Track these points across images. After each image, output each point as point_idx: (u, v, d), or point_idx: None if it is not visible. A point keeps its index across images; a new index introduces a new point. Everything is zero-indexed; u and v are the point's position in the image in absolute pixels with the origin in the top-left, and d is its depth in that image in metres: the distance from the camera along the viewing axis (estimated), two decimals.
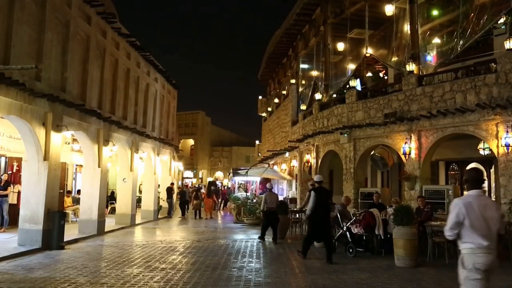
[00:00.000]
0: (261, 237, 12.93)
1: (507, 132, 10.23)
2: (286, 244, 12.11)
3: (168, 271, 8.11)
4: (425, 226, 9.74)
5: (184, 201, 23.53)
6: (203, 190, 26.78)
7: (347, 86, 17.59)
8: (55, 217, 10.79)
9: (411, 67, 13.26)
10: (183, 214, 22.57)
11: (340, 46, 19.67)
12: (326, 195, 9.99)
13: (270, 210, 13.08)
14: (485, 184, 14.92)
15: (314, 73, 22.11)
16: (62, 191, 14.75)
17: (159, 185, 21.57)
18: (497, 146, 10.58)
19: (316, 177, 10.98)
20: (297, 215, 14.74)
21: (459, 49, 12.90)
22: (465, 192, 4.51)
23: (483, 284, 4.07)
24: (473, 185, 4.27)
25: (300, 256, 9.67)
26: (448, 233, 4.25)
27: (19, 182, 13.15)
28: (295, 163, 22.85)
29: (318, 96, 19.36)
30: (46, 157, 10.83)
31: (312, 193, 9.85)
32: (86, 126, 13.10)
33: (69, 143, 16.32)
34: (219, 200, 30.11)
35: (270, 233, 13.78)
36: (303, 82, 24.37)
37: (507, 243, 9.50)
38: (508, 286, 7.45)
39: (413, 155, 12.83)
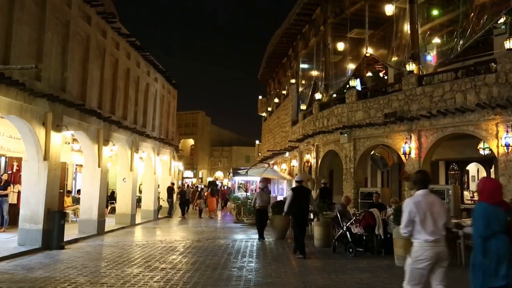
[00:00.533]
0: (260, 237, 13.07)
1: (507, 132, 10.23)
2: (286, 244, 12.10)
3: (168, 271, 8.11)
4: None
5: (184, 201, 23.56)
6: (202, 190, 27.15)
7: (347, 86, 17.58)
8: (55, 217, 10.79)
9: (411, 67, 13.25)
10: (183, 214, 22.57)
11: (340, 46, 19.66)
12: (304, 194, 10.38)
13: (260, 208, 13.61)
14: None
15: (314, 73, 22.11)
16: (62, 191, 14.75)
17: (158, 185, 21.58)
18: (497, 146, 10.58)
19: (296, 177, 11.77)
20: None
21: (459, 49, 12.89)
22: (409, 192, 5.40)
23: (424, 274, 4.74)
24: (421, 185, 4.91)
25: (300, 258, 9.61)
26: (404, 231, 4.83)
27: (19, 182, 13.15)
28: (295, 163, 22.85)
29: (318, 96, 19.36)
30: (46, 157, 10.83)
31: (290, 192, 10.54)
32: (86, 126, 13.10)
33: (69, 143, 16.32)
34: (219, 200, 30.18)
35: (270, 233, 13.79)
36: (303, 82, 24.37)
37: None
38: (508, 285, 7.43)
39: (413, 155, 12.82)
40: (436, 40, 15.15)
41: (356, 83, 17.46)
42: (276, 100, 30.31)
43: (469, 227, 6.95)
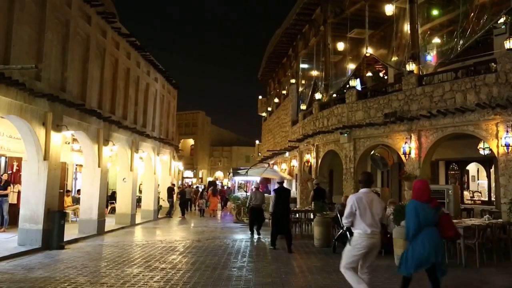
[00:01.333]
0: (252, 234, 13.64)
1: (507, 131, 10.23)
2: (286, 243, 12.08)
3: (168, 271, 8.11)
4: None
5: (184, 201, 23.56)
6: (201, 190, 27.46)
7: (347, 86, 17.59)
8: (55, 217, 10.79)
9: (411, 67, 13.26)
10: (183, 214, 22.57)
11: (340, 46, 19.67)
12: (285, 195, 11.58)
13: (254, 206, 13.90)
14: (485, 183, 14.94)
15: (314, 73, 22.12)
16: (62, 191, 14.75)
17: (158, 184, 21.58)
18: (497, 146, 10.58)
19: (278, 179, 12.99)
20: (297, 214, 14.74)
21: (459, 49, 12.90)
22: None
23: (357, 260, 5.57)
24: (365, 184, 5.70)
25: (271, 248, 10.93)
26: (345, 221, 5.61)
27: (19, 182, 13.15)
28: (295, 163, 22.86)
29: (318, 96, 19.36)
30: (46, 157, 10.83)
31: (273, 193, 11.81)
32: (86, 126, 13.09)
33: (69, 143, 16.32)
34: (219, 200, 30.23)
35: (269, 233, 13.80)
36: (303, 82, 24.38)
37: (507, 243, 9.52)
38: (508, 285, 7.44)
39: (413, 155, 12.83)
40: (436, 40, 15.16)
41: (356, 83, 17.46)
42: (276, 100, 30.32)
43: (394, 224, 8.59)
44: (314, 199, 14.38)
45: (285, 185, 25.84)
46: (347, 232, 10.14)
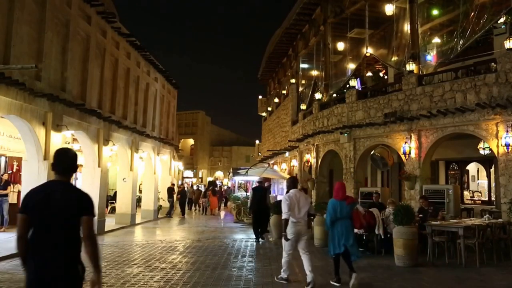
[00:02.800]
0: (256, 237, 12.84)
1: (507, 131, 10.23)
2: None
3: (168, 271, 8.11)
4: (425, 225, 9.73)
5: (184, 201, 23.57)
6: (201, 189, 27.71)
7: (347, 85, 17.58)
8: None
9: (411, 66, 13.25)
10: (183, 213, 22.58)
11: (340, 45, 19.66)
12: (261, 193, 13.33)
13: (254, 207, 13.81)
14: (485, 183, 14.94)
15: (314, 72, 22.11)
16: None
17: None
18: (497, 146, 10.57)
19: (257, 178, 14.79)
20: None
21: (459, 48, 12.90)
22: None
23: (293, 244, 7.05)
24: (293, 187, 7.44)
25: (256, 241, 12.25)
26: (285, 215, 6.97)
27: (19, 182, 13.15)
28: (295, 162, 22.85)
29: (318, 95, 19.35)
30: (46, 157, 10.83)
31: (251, 191, 14.14)
32: (86, 126, 13.09)
33: (69, 143, 16.28)
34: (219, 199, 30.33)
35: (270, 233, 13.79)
36: (303, 81, 24.37)
37: (507, 243, 9.52)
38: (508, 285, 7.44)
39: (413, 155, 12.82)
40: (436, 40, 15.16)
41: (355, 83, 17.46)
42: (276, 100, 30.30)
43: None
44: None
45: (285, 185, 26.16)
46: None
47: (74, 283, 3.20)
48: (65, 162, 3.36)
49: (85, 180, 13.99)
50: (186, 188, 29.87)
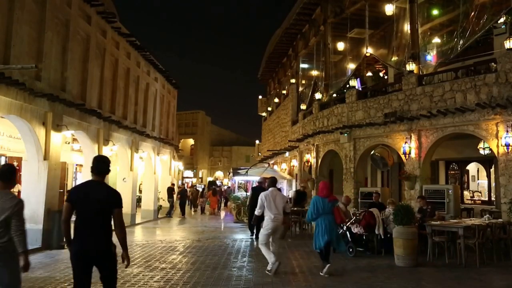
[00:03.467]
0: (254, 235, 13.23)
1: (507, 131, 10.23)
2: (286, 243, 12.10)
3: (168, 271, 8.11)
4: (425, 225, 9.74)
5: (184, 201, 23.57)
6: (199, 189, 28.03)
7: (347, 85, 17.58)
8: (55, 216, 10.79)
9: (411, 66, 13.25)
10: (183, 213, 22.58)
11: (340, 45, 19.66)
12: (261, 192, 13.68)
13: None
14: (485, 183, 14.95)
15: (314, 72, 22.11)
16: (62, 190, 14.74)
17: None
18: (497, 146, 10.58)
19: (257, 178, 15.18)
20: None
21: (459, 48, 12.90)
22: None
23: (268, 237, 7.85)
24: (272, 186, 8.25)
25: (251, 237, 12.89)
26: (258, 211, 7.92)
27: (19, 182, 13.14)
28: (295, 162, 22.85)
29: (318, 95, 19.35)
30: (46, 157, 10.83)
31: (250, 191, 14.63)
32: (86, 126, 13.09)
33: (69, 143, 16.31)
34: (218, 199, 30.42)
35: None
36: (303, 81, 24.37)
37: (506, 243, 9.52)
38: (508, 285, 7.44)
39: (413, 155, 12.82)
40: (436, 40, 15.16)
41: (355, 83, 17.46)
42: (276, 100, 30.30)
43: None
44: (295, 203, 14.95)
45: (285, 185, 26.27)
46: (347, 232, 10.21)
47: (109, 254, 4.27)
48: (100, 166, 4.45)
49: (85, 180, 13.96)
50: (186, 188, 29.87)
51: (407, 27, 14.91)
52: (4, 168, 4.64)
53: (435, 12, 15.56)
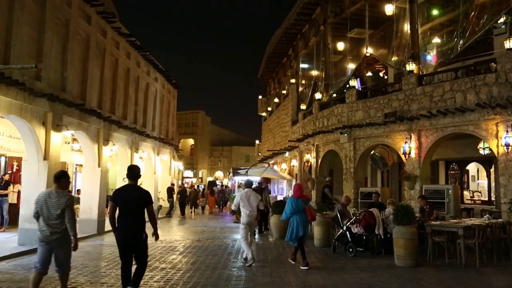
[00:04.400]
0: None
1: (507, 131, 10.23)
2: (286, 243, 12.10)
3: (168, 271, 8.11)
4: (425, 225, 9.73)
5: (184, 201, 23.55)
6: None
7: (347, 85, 17.58)
8: None
9: (411, 66, 13.25)
10: (183, 213, 22.57)
11: (340, 45, 19.65)
12: (260, 192, 13.53)
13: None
14: (484, 183, 14.95)
15: (314, 72, 22.11)
16: None
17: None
18: (497, 146, 10.58)
19: (258, 179, 15.86)
20: None
21: (459, 48, 12.89)
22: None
23: (247, 231, 8.82)
24: (247, 187, 9.35)
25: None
26: (234, 208, 9.28)
27: (19, 182, 13.15)
28: (295, 162, 22.85)
29: (318, 95, 19.35)
30: (46, 157, 10.83)
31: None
32: (86, 126, 13.10)
33: (69, 143, 16.31)
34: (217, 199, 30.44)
35: (270, 233, 13.80)
36: (303, 81, 24.36)
37: (506, 243, 9.51)
38: (508, 285, 7.44)
39: (413, 155, 12.82)
40: (436, 40, 15.15)
41: (355, 83, 17.46)
42: (276, 100, 30.30)
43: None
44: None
45: (285, 185, 26.26)
46: (347, 232, 10.21)
47: (141, 240, 5.91)
48: (134, 173, 6.06)
49: (85, 180, 13.99)
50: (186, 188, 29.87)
51: (407, 27, 14.91)
52: (57, 173, 5.96)
53: (435, 12, 15.55)
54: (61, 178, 5.82)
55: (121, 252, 5.93)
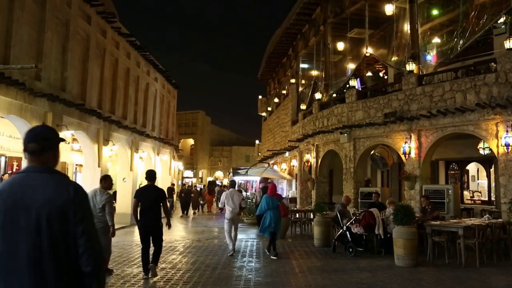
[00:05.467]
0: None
1: (507, 131, 10.23)
2: (286, 243, 12.11)
3: (168, 271, 8.10)
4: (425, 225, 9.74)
5: (188, 200, 23.49)
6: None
7: (347, 85, 17.58)
8: None
9: (411, 66, 13.24)
10: (186, 213, 22.54)
11: (340, 45, 19.65)
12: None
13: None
14: (484, 183, 14.95)
15: (314, 72, 22.10)
16: None
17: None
18: (497, 146, 10.57)
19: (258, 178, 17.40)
20: (297, 214, 14.75)
21: (459, 48, 12.89)
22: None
23: (231, 224, 9.93)
24: (231, 187, 10.75)
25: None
26: (220, 204, 10.47)
27: None
28: (295, 162, 22.84)
29: (318, 95, 19.34)
30: None
31: (259, 191, 16.99)
32: (86, 126, 13.10)
33: (69, 143, 16.31)
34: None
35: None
36: (303, 81, 24.36)
37: (506, 243, 9.51)
38: (508, 285, 7.44)
39: (413, 155, 12.82)
40: (436, 40, 15.15)
41: (355, 83, 17.45)
42: (276, 100, 30.30)
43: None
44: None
45: (285, 184, 26.25)
46: (347, 232, 10.21)
47: (158, 228, 7.45)
48: (152, 175, 7.63)
49: (85, 180, 13.98)
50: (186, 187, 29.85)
51: (407, 27, 14.90)
52: (102, 176, 7.59)
53: (435, 12, 15.55)
54: (102, 180, 7.31)
55: (142, 237, 7.44)
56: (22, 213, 2.03)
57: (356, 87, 16.97)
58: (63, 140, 2.55)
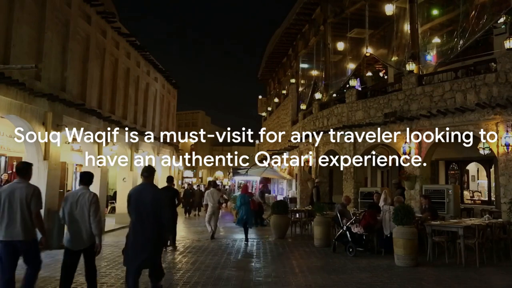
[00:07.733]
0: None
1: (507, 131, 10.23)
2: (286, 243, 12.11)
3: (168, 271, 8.09)
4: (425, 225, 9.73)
5: (190, 200, 23.46)
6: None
7: (347, 85, 17.59)
8: (55, 216, 10.76)
9: (411, 66, 13.25)
10: (189, 213, 22.51)
11: (340, 45, 19.67)
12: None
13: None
14: (484, 183, 14.95)
15: (314, 72, 22.12)
16: (62, 190, 14.73)
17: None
18: (497, 146, 10.58)
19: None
20: (297, 214, 14.74)
21: (459, 48, 12.90)
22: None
23: (211, 215, 12.67)
24: (212, 187, 13.44)
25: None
26: (204, 202, 13.02)
27: None
28: (295, 162, 22.85)
29: (318, 95, 19.36)
30: (46, 157, 10.83)
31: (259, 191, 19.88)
32: (86, 126, 13.09)
33: (68, 143, 16.30)
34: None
35: (270, 233, 13.80)
36: (303, 81, 24.38)
37: (506, 242, 9.51)
38: (508, 285, 7.44)
39: (413, 155, 12.81)
40: (436, 40, 15.16)
41: (355, 83, 17.46)
42: (276, 99, 30.31)
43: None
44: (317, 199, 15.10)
45: (285, 184, 26.24)
46: (347, 232, 10.20)
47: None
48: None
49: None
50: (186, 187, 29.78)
51: (407, 27, 14.91)
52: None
53: (435, 12, 15.56)
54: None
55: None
56: (141, 202, 5.66)
57: (356, 87, 16.97)
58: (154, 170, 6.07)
